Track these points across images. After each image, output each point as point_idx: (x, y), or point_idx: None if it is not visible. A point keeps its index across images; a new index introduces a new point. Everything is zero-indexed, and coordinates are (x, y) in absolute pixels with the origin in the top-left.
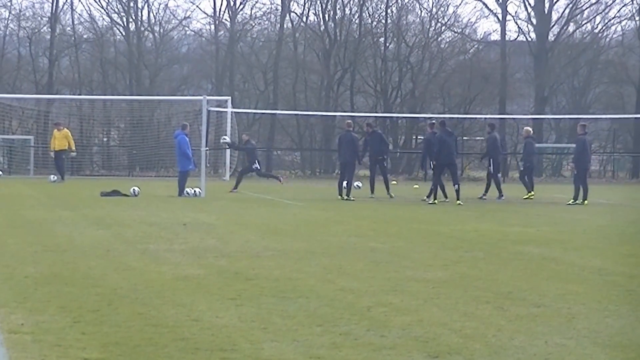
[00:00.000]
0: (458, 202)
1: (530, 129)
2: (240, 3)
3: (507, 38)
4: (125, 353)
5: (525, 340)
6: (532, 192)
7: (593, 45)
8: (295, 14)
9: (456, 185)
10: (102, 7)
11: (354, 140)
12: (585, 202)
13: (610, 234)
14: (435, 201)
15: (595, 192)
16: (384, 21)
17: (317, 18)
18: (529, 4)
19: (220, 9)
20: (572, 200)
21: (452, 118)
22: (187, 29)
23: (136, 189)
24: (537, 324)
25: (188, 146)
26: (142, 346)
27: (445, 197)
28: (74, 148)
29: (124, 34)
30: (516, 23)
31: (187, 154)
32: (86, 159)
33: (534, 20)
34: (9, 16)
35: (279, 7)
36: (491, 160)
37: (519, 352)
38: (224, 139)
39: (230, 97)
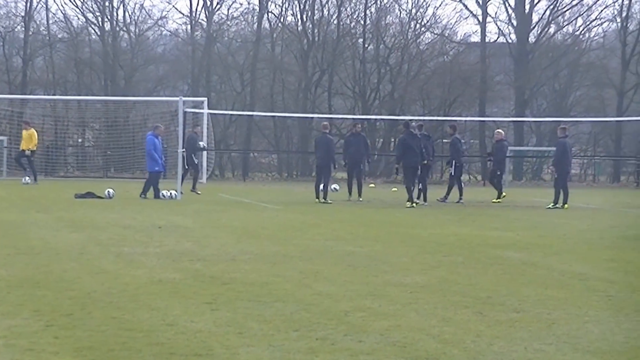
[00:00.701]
0: (418, 201)
1: (502, 132)
2: (217, 3)
3: (487, 40)
4: (99, 357)
5: (504, 345)
6: (500, 199)
7: (574, 47)
8: (273, 14)
9: (419, 185)
10: (77, 7)
11: (330, 143)
12: (566, 205)
13: (590, 239)
14: (414, 204)
15: (575, 196)
16: (362, 22)
17: (295, 19)
18: (510, 6)
19: (196, 9)
20: (552, 204)
21: (432, 120)
22: (163, 29)
23: (111, 190)
24: (516, 330)
25: (155, 147)
26: (116, 351)
27: (411, 200)
28: (31, 147)
29: (99, 33)
30: (496, 25)
31: (152, 155)
32: (60, 160)
33: (514, 22)
34: None
35: (257, 8)
36: (454, 162)
37: (498, 358)
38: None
39: (206, 98)
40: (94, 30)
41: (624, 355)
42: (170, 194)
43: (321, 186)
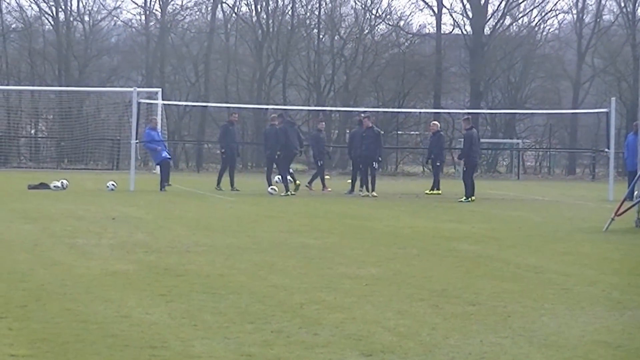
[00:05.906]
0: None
1: (438, 123)
2: None
3: (442, 31)
4: (54, 349)
5: (460, 339)
6: (435, 191)
7: (529, 39)
8: (227, 4)
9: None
10: None
11: (279, 134)
12: (473, 198)
13: (545, 232)
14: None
15: (530, 189)
16: (317, 13)
17: (249, 9)
18: None
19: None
20: (465, 198)
21: (387, 112)
22: (116, 19)
23: (64, 181)
24: (472, 323)
25: (152, 139)
26: (71, 343)
27: (287, 189)
28: None
29: (52, 23)
30: (451, 16)
31: (152, 147)
32: (13, 151)
33: (469, 14)
34: None
35: None
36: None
37: (454, 350)
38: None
39: (160, 89)
40: (48, 21)
41: (580, 349)
42: (113, 185)
43: (277, 178)
